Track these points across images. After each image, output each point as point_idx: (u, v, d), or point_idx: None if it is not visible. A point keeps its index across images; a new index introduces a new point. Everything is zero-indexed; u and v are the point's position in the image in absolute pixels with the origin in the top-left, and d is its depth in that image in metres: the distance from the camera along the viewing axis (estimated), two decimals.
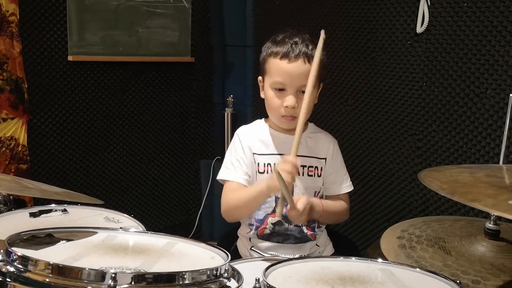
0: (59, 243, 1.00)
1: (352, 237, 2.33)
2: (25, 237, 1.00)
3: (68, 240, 1.02)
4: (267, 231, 1.54)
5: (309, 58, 1.46)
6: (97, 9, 2.51)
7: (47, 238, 1.01)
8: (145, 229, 1.42)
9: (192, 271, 0.85)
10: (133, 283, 0.80)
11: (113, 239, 1.09)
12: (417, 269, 0.86)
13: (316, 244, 1.58)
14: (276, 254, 1.53)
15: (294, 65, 1.45)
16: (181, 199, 3.03)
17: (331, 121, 2.43)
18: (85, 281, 0.80)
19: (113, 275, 0.79)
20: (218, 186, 1.61)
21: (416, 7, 1.99)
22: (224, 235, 1.77)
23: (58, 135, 2.51)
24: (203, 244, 1.08)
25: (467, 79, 1.87)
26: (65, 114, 2.51)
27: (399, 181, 2.17)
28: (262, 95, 1.57)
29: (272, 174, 1.45)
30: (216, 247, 1.05)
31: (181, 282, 0.82)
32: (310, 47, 1.48)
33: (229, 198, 1.51)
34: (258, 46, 2.94)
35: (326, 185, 1.59)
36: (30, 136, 2.40)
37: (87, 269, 0.81)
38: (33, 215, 1.41)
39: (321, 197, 1.59)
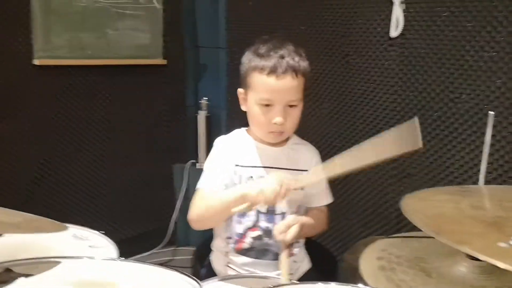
0: (17, 280, 0.93)
1: (329, 246, 2.30)
2: None
3: (27, 275, 0.95)
4: (246, 245, 1.49)
5: (297, 72, 1.41)
6: (64, 11, 2.41)
7: (4, 274, 0.94)
8: (115, 247, 1.37)
9: None
10: None
11: (79, 271, 1.02)
12: None
13: (294, 261, 1.54)
14: (253, 271, 1.49)
15: (283, 82, 1.39)
16: (154, 205, 2.97)
17: (305, 125, 2.39)
18: None
19: None
20: (193, 191, 1.52)
21: (390, 11, 1.98)
22: (202, 243, 1.70)
23: (23, 142, 2.41)
24: (173, 272, 1.02)
25: (442, 84, 1.86)
26: (31, 121, 2.42)
27: (374, 187, 2.15)
28: (243, 108, 1.51)
29: (250, 182, 1.41)
30: (187, 275, 0.99)
31: None
32: (297, 59, 1.42)
33: (200, 203, 1.43)
34: (232, 47, 2.94)
35: (307, 197, 1.55)
36: None
37: None
38: None
39: (302, 211, 1.55)
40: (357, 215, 2.23)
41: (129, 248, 1.38)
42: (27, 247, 1.24)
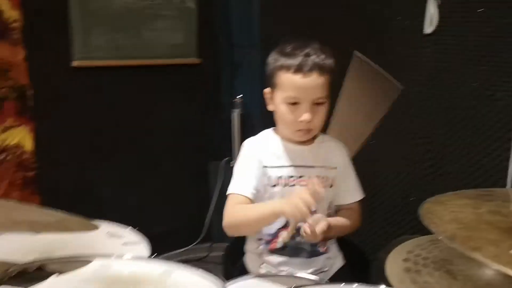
0: (50, 278, 0.98)
1: (363, 244, 2.28)
2: (13, 274, 0.98)
3: (60, 273, 1.00)
4: (279, 245, 1.50)
5: (322, 69, 1.41)
6: (101, 14, 2.48)
7: (37, 272, 0.99)
8: (148, 244, 1.41)
9: None
10: None
11: (107, 269, 1.06)
12: None
13: (328, 257, 1.54)
14: (288, 270, 1.49)
15: (309, 79, 1.40)
16: (190, 201, 3.02)
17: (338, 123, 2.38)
18: None
19: None
20: (228, 188, 1.54)
21: (424, 7, 1.94)
22: (234, 239, 1.72)
23: (65, 141, 2.50)
24: (200, 272, 1.05)
25: (476, 81, 1.81)
26: (71, 120, 2.50)
27: (409, 186, 2.12)
28: (270, 108, 1.52)
29: (288, 198, 1.42)
30: (213, 275, 1.02)
31: None
32: (322, 56, 1.43)
33: (234, 212, 1.44)
34: (266, 45, 2.92)
35: (337, 194, 1.55)
36: (36, 143, 2.40)
37: None
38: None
39: (333, 209, 1.55)
40: (391, 214, 2.21)
41: (165, 244, 1.41)
42: (62, 245, 1.29)
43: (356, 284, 1.01)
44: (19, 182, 2.35)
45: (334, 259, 1.57)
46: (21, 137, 2.34)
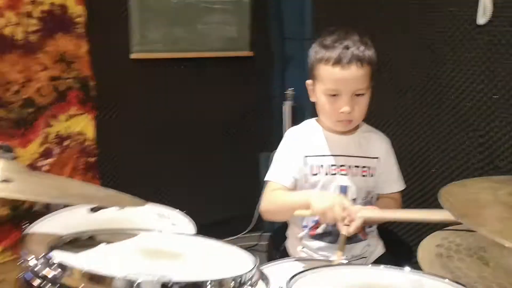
0: (99, 246, 1.07)
1: (405, 236, 2.27)
2: (67, 240, 1.08)
3: (108, 242, 1.09)
4: (320, 230, 1.54)
5: (362, 61, 1.43)
6: (158, 8, 2.60)
7: (88, 240, 1.09)
8: (194, 226, 1.48)
9: (216, 280, 0.89)
10: None
11: (151, 242, 1.15)
12: (446, 280, 0.85)
13: (368, 244, 1.57)
14: (327, 255, 1.53)
15: (348, 72, 1.43)
16: (242, 191, 3.08)
17: (389, 116, 2.37)
18: None
19: (140, 283, 0.86)
20: None
21: None
22: (277, 229, 1.77)
23: (123, 129, 2.63)
24: (235, 248, 1.12)
25: None
26: (129, 110, 2.63)
27: (460, 178, 2.08)
28: (312, 99, 1.56)
29: (322, 193, 1.45)
30: (247, 252, 1.08)
31: None
32: (362, 48, 1.45)
33: (271, 198, 1.51)
34: (318, 38, 2.95)
35: (378, 184, 1.56)
36: (97, 131, 2.54)
37: (116, 277, 0.87)
38: (92, 210, 1.50)
39: (372, 198, 1.57)
40: (435, 206, 2.18)
41: (216, 232, 1.47)
42: (116, 222, 1.38)
43: (383, 265, 1.03)
44: (82, 167, 2.50)
45: (374, 247, 1.59)
46: (84, 125, 2.49)
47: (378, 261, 1.57)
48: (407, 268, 0.99)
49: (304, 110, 2.98)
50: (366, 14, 2.44)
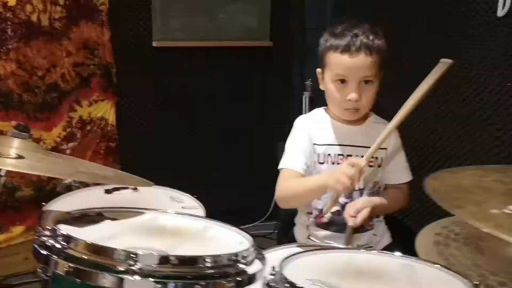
0: (103, 222, 1.13)
1: (414, 227, 2.26)
2: (76, 215, 1.14)
3: (113, 219, 1.14)
4: (325, 220, 1.56)
5: (371, 49, 1.45)
6: None
7: (95, 217, 1.14)
8: (204, 211, 1.52)
9: (212, 255, 0.93)
10: (158, 264, 0.90)
11: (155, 220, 1.20)
12: (437, 265, 0.86)
13: (374, 234, 1.58)
14: (333, 244, 1.55)
15: (357, 59, 1.44)
16: (259, 180, 3.11)
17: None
18: (116, 260, 0.91)
19: (139, 256, 0.90)
20: None
21: None
22: (286, 217, 1.80)
23: (143, 116, 2.70)
24: (235, 229, 1.17)
25: None
26: (150, 96, 2.69)
27: None
28: (321, 87, 1.58)
29: (329, 172, 1.47)
30: (248, 232, 1.11)
31: (201, 265, 0.91)
32: (371, 37, 1.46)
33: (286, 185, 1.53)
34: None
35: (385, 174, 1.58)
36: (118, 116, 2.60)
37: (117, 249, 0.92)
38: (107, 191, 1.56)
39: (379, 188, 1.58)
40: None
41: (234, 219, 1.50)
42: (128, 202, 1.43)
43: (375, 251, 1.04)
44: (102, 151, 2.57)
45: (381, 237, 1.60)
46: (105, 110, 2.56)
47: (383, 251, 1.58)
48: (397, 253, 1.01)
49: (323, 101, 2.98)
50: (386, 7, 2.43)
